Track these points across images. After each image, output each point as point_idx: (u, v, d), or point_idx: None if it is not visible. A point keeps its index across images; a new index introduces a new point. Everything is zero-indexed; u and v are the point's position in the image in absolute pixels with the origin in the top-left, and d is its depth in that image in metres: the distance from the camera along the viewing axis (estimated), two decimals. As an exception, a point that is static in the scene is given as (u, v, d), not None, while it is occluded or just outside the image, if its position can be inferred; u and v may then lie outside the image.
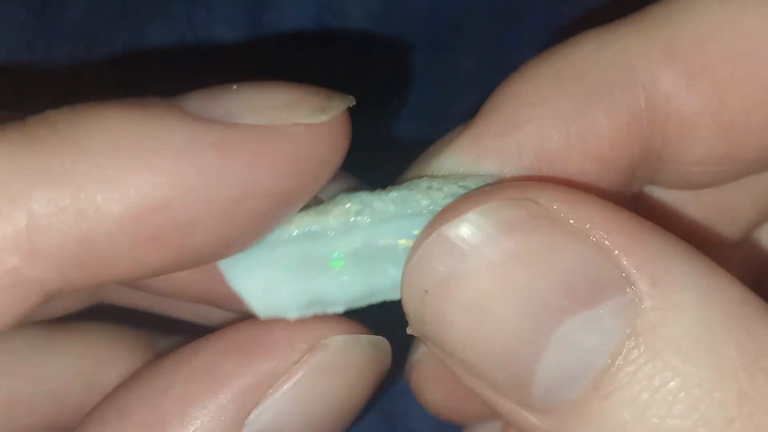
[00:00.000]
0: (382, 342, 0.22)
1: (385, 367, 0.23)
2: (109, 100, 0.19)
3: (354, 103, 0.21)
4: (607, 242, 0.18)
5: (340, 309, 0.21)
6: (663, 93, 0.21)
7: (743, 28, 0.21)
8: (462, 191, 0.21)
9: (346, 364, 0.22)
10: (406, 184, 0.22)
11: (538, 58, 0.22)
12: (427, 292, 0.19)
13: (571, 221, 0.19)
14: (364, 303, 0.22)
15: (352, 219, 0.21)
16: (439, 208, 0.20)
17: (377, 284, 0.21)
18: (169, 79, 0.32)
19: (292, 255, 0.21)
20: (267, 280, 0.21)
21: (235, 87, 0.20)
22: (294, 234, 0.21)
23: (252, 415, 0.21)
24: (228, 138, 0.19)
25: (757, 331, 0.18)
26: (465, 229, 0.19)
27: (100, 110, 0.19)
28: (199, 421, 0.21)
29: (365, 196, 0.21)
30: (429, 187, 0.21)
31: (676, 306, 0.18)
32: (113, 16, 0.32)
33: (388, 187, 0.22)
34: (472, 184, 0.21)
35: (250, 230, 0.20)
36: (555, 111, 0.21)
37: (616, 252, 0.18)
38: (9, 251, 0.18)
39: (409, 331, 0.20)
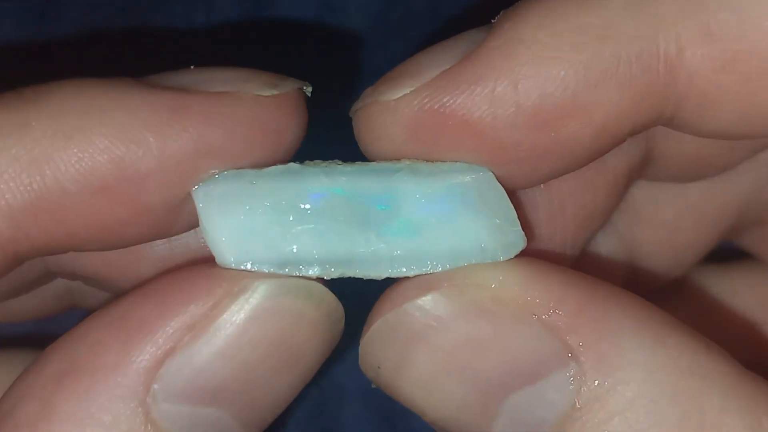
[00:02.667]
0: (319, 289, 0.21)
1: (336, 321, 0.21)
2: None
3: (309, 88, 0.22)
4: (552, 320, 0.19)
5: (316, 270, 0.20)
6: (687, 72, 0.20)
7: None
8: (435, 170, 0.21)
9: (276, 311, 0.20)
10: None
11: None
12: (379, 368, 0.21)
13: (515, 303, 0.19)
14: (341, 271, 0.21)
15: (335, 165, 0.21)
16: (419, 167, 0.21)
17: (355, 248, 0.21)
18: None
19: (270, 192, 0.21)
20: (242, 222, 0.20)
21: (192, 67, 0.22)
22: (276, 169, 0.21)
23: (166, 365, 0.19)
24: (180, 99, 0.20)
25: (702, 403, 0.18)
26: (411, 318, 0.20)
27: (66, 81, 0.20)
28: (107, 368, 0.19)
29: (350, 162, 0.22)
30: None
31: (621, 380, 0.18)
32: (113, 16, 0.32)
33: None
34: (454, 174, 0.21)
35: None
36: (566, 73, 0.20)
37: (561, 329, 0.19)
38: None
39: (372, 386, 0.22)
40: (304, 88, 0.22)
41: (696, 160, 0.25)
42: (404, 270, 0.21)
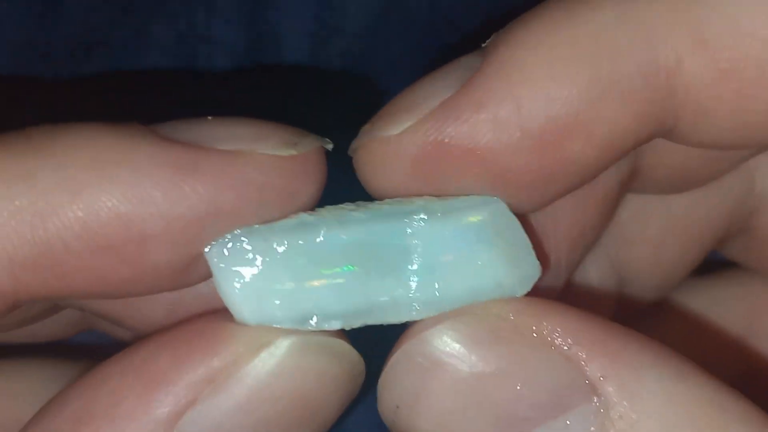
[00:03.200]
0: (341, 346, 0.20)
1: (357, 377, 0.21)
2: (89, 121, 0.20)
3: (330, 144, 0.21)
4: (572, 351, 0.19)
5: (337, 324, 0.20)
6: (685, 82, 0.20)
7: None
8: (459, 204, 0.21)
9: (299, 368, 0.20)
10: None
11: (552, 9, 0.20)
12: (398, 407, 0.20)
13: (534, 334, 0.19)
14: (362, 321, 0.20)
15: (348, 212, 0.21)
16: (432, 206, 0.20)
17: (374, 297, 0.20)
18: (169, 80, 0.32)
19: (284, 248, 0.20)
20: (258, 280, 0.20)
21: (209, 118, 0.21)
22: (288, 223, 0.20)
23: (186, 417, 0.19)
24: (190, 158, 0.19)
25: None
26: (429, 347, 0.19)
27: (74, 126, 0.20)
28: (125, 417, 0.19)
29: (360, 202, 0.21)
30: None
31: (644, 412, 0.18)
32: (113, 16, 0.32)
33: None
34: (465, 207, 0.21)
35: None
36: (567, 92, 0.19)
37: (582, 361, 0.19)
38: None
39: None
40: (325, 144, 0.21)
41: (683, 171, 0.25)
42: (423, 314, 0.20)
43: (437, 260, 0.21)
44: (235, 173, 0.20)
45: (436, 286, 0.20)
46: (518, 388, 0.19)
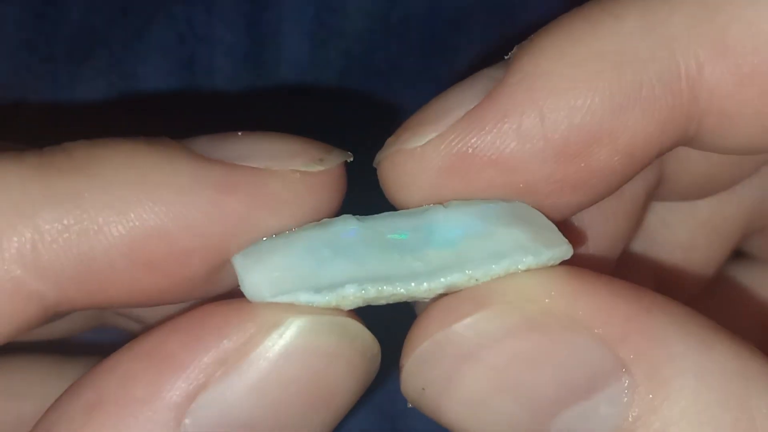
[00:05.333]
0: (353, 325, 0.20)
1: (372, 358, 0.21)
2: (123, 137, 0.21)
3: (351, 158, 0.22)
4: (601, 332, 0.19)
5: (352, 289, 0.20)
6: (707, 89, 0.20)
7: None
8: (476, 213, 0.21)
9: (310, 348, 0.20)
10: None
11: (574, 20, 0.21)
12: (424, 389, 0.20)
13: (567, 317, 0.19)
14: (377, 287, 0.20)
15: (360, 218, 0.21)
16: (452, 203, 0.21)
17: (391, 267, 0.20)
18: (169, 82, 0.32)
19: (304, 236, 0.21)
20: (277, 262, 0.20)
21: (240, 134, 0.22)
22: (309, 225, 0.21)
23: (198, 400, 0.19)
24: (228, 177, 0.20)
25: (752, 406, 0.18)
26: (463, 339, 0.20)
27: (113, 144, 0.20)
28: (137, 402, 0.19)
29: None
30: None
31: (673, 389, 0.18)
32: (113, 16, 0.32)
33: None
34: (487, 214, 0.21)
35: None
36: (590, 102, 0.20)
37: (612, 341, 0.19)
38: (13, 261, 0.19)
39: (409, 405, 0.21)
40: (347, 158, 0.22)
41: (706, 176, 0.25)
42: (442, 280, 0.20)
43: (455, 236, 0.21)
44: (269, 191, 0.20)
45: (455, 253, 0.20)
46: (551, 371, 0.19)
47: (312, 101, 0.32)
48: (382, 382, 0.23)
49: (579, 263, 0.21)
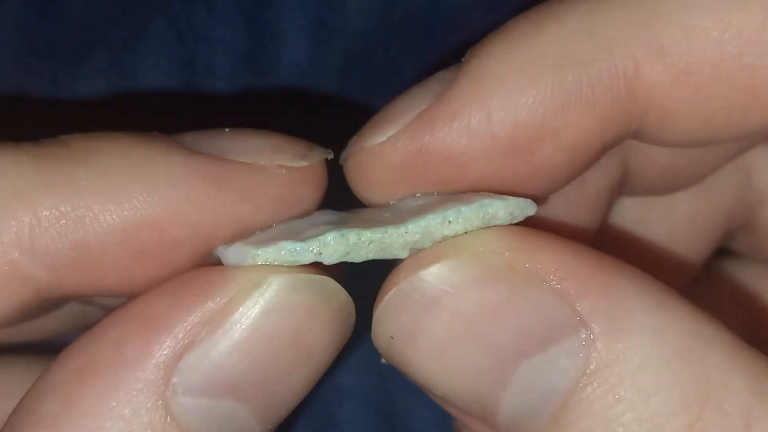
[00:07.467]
0: (330, 284, 0.21)
1: (347, 316, 0.22)
2: (118, 131, 0.22)
3: (331, 155, 0.23)
4: (563, 287, 0.20)
5: (332, 236, 0.21)
6: (646, 87, 0.21)
7: (732, 29, 0.21)
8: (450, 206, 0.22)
9: (289, 305, 0.21)
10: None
11: (521, 23, 0.22)
12: (392, 338, 0.21)
13: (528, 270, 0.20)
14: (356, 233, 0.21)
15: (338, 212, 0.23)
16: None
17: (370, 223, 0.22)
18: (168, 81, 0.32)
19: (286, 223, 0.22)
20: (258, 237, 0.22)
21: (227, 130, 0.23)
22: (281, 224, 0.22)
23: (185, 359, 0.20)
24: (218, 171, 0.21)
25: (708, 365, 0.19)
26: (427, 285, 0.20)
27: (109, 137, 0.21)
28: (127, 366, 0.20)
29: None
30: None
31: (631, 344, 0.19)
32: (113, 16, 0.32)
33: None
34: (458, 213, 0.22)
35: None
36: (533, 101, 0.21)
37: (571, 296, 0.20)
38: (11, 245, 0.20)
39: (382, 361, 0.22)
40: (328, 156, 0.23)
41: (669, 169, 0.26)
42: (419, 221, 0.21)
43: (419, 206, 0.22)
44: (255, 185, 0.22)
45: (429, 216, 0.21)
46: (512, 322, 0.20)
47: (311, 100, 0.32)
48: (378, 376, 0.23)
49: None
